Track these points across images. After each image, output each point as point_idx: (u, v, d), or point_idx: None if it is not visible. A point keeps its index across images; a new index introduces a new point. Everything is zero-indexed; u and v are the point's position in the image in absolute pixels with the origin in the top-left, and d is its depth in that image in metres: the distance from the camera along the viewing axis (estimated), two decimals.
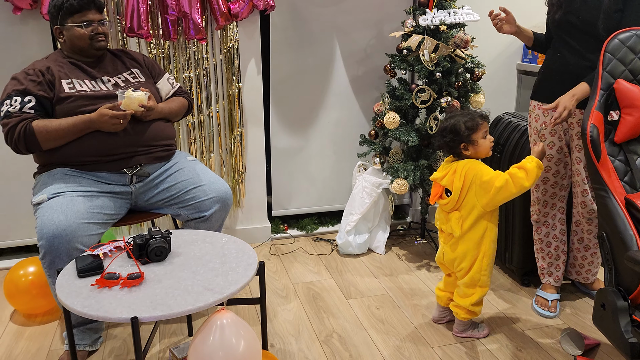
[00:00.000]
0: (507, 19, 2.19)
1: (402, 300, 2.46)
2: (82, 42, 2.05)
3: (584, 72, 2.05)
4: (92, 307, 1.45)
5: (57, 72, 2.02)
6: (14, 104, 1.93)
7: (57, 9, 2.03)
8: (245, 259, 1.73)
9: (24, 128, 1.90)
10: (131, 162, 2.06)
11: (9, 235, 2.79)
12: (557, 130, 2.20)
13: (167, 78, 2.30)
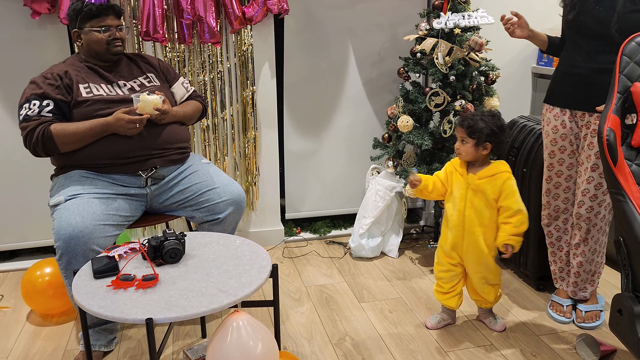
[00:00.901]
0: (520, 23, 2.17)
1: (415, 304, 2.45)
2: (99, 46, 2.08)
3: (592, 75, 2.03)
4: (107, 307, 1.47)
5: (75, 76, 2.05)
6: (33, 107, 1.96)
7: (76, 12, 2.06)
8: (259, 262, 1.74)
9: (42, 131, 1.93)
10: (146, 165, 2.08)
11: (26, 237, 2.82)
12: (567, 134, 2.17)
13: (181, 82, 2.32)
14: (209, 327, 2.27)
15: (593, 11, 2.00)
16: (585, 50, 2.05)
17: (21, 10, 2.51)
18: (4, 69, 2.60)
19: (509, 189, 2.01)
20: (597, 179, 2.10)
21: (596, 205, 2.14)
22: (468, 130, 2.00)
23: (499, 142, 2.02)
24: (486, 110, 2.07)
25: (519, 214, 2.01)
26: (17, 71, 2.60)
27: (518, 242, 2.02)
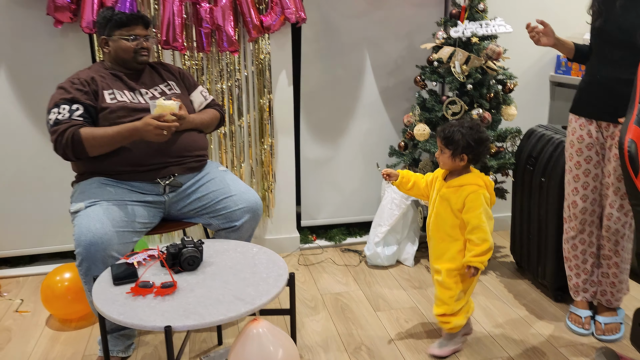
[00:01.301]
0: (545, 31, 2.14)
1: (431, 314, 2.44)
2: (127, 54, 2.11)
3: (615, 86, 2.01)
4: (127, 314, 1.48)
5: (100, 82, 2.08)
6: (62, 112, 1.98)
7: (106, 20, 2.10)
8: (276, 270, 1.74)
9: (71, 135, 1.95)
10: (165, 172, 2.10)
11: (45, 242, 2.87)
12: (593, 144, 2.14)
13: (200, 90, 2.35)
14: (225, 334, 2.28)
15: (619, 20, 1.98)
16: (610, 60, 2.03)
17: (44, 19, 2.56)
18: (28, 77, 2.64)
19: (472, 202, 1.95)
20: (624, 190, 2.08)
21: (623, 215, 2.12)
22: (445, 141, 1.99)
23: (476, 154, 1.98)
24: (468, 121, 2.01)
25: (479, 230, 1.94)
26: (40, 79, 2.65)
27: (481, 262, 1.94)
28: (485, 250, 1.95)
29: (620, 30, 1.98)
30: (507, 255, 3.06)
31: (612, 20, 2.00)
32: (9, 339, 2.25)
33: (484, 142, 1.99)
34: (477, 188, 1.97)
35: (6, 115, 2.66)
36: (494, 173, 2.77)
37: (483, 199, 1.96)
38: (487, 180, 2.03)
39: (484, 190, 1.98)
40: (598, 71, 2.08)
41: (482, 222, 1.94)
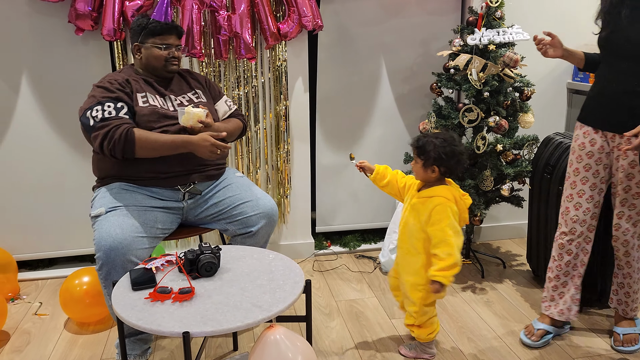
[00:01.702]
0: (552, 42, 2.11)
1: (446, 322, 2.43)
2: (158, 62, 2.14)
3: (622, 98, 1.98)
4: (145, 319, 1.50)
5: (134, 85, 2.11)
6: (108, 109, 1.99)
7: (140, 28, 2.13)
8: (292, 277, 1.75)
9: (125, 132, 1.95)
10: (185, 180, 2.12)
11: (64, 245, 2.91)
12: (594, 152, 2.10)
13: (225, 100, 2.36)
14: (241, 340, 2.29)
15: (625, 31, 1.95)
16: (617, 71, 2.01)
17: (66, 27, 2.61)
18: (49, 84, 2.69)
19: (437, 215, 1.90)
20: (630, 200, 2.06)
21: (631, 226, 2.10)
22: (417, 151, 1.98)
23: (447, 167, 1.94)
24: (444, 134, 1.99)
25: (444, 244, 1.88)
26: (61, 86, 2.70)
27: (445, 277, 1.88)
28: (450, 265, 1.87)
29: (626, 41, 1.95)
30: (523, 263, 3.04)
31: (618, 32, 1.98)
32: (28, 341, 2.29)
33: (456, 155, 1.93)
34: (445, 201, 1.92)
35: (27, 120, 2.71)
36: (511, 181, 2.76)
37: (450, 212, 1.90)
38: (459, 195, 1.98)
39: (451, 204, 1.93)
40: (606, 81, 2.06)
41: (448, 236, 1.88)
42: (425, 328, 2.09)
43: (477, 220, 2.84)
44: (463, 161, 1.96)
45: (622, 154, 2.02)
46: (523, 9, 2.98)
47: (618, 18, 1.98)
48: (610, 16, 2.01)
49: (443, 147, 1.92)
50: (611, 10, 2.01)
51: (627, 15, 1.95)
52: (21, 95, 2.68)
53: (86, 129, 2.00)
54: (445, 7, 3.05)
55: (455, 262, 1.88)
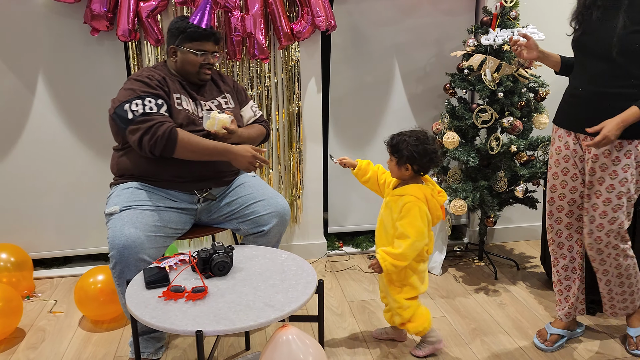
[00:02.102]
0: (527, 44, 2.08)
1: (459, 324, 2.41)
2: (192, 68, 2.12)
3: (593, 98, 1.97)
4: (159, 318, 1.51)
5: (171, 85, 2.09)
6: (149, 104, 1.97)
7: (179, 31, 2.10)
8: (305, 277, 1.75)
9: (169, 130, 1.94)
10: (202, 185, 2.14)
11: (79, 244, 2.94)
12: (570, 155, 2.09)
13: (250, 105, 2.36)
14: (253, 339, 2.30)
15: (596, 32, 1.95)
16: (588, 72, 1.99)
17: (81, 27, 2.63)
18: (64, 83, 2.72)
19: (406, 211, 1.96)
20: (602, 207, 2.01)
21: (604, 235, 2.03)
22: (390, 149, 2.02)
23: (420, 165, 1.98)
24: (418, 132, 2.01)
25: (402, 237, 1.96)
26: (76, 85, 2.73)
27: (384, 260, 1.96)
28: (396, 255, 1.96)
29: (597, 42, 1.94)
30: (537, 265, 3.01)
31: (590, 33, 1.97)
32: (43, 338, 2.31)
33: (429, 154, 1.98)
34: (414, 200, 1.97)
35: (43, 120, 2.74)
36: (525, 182, 2.74)
37: (417, 212, 1.96)
38: (430, 193, 2.00)
39: (420, 203, 1.97)
40: (578, 82, 2.04)
41: (408, 232, 1.95)
42: (415, 322, 2.11)
43: (491, 221, 2.82)
44: (436, 159, 2.01)
45: (592, 157, 2.00)
46: (538, 8, 2.96)
47: (590, 19, 1.98)
48: (582, 17, 2.01)
49: (415, 145, 1.96)
50: (584, 11, 2.00)
51: (599, 16, 1.94)
52: (37, 95, 2.71)
53: (122, 121, 1.97)
54: (459, 7, 3.04)
55: (402, 255, 1.96)
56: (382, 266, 1.97)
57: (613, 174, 1.97)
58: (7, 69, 2.65)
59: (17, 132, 2.73)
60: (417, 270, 2.08)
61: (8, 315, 2.22)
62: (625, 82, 1.90)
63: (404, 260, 1.97)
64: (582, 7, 2.01)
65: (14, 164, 2.76)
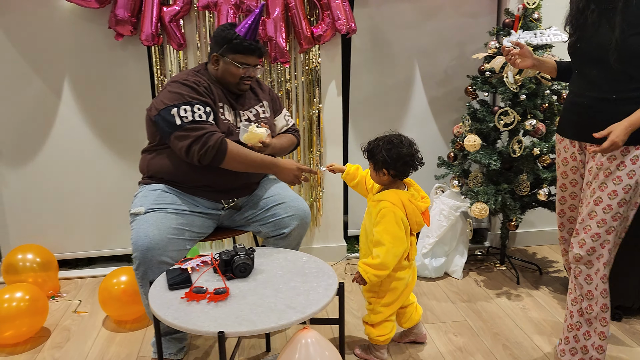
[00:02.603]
0: (521, 52, 2.02)
1: (481, 329, 2.39)
2: (233, 78, 2.10)
3: (595, 105, 1.89)
4: (181, 319, 1.52)
5: (216, 94, 2.08)
6: (198, 112, 1.95)
7: (224, 40, 2.06)
8: (326, 279, 1.76)
9: (220, 141, 1.94)
10: (229, 195, 2.16)
11: (103, 245, 2.98)
12: (578, 167, 2.02)
13: (284, 114, 2.36)
14: (273, 341, 2.31)
15: (592, 38, 1.87)
16: (588, 79, 1.91)
17: (106, 32, 2.68)
18: (89, 87, 2.77)
19: (381, 217, 1.95)
20: (601, 214, 1.87)
21: (598, 246, 1.89)
22: (366, 155, 2.01)
23: (396, 170, 1.96)
24: (392, 136, 1.99)
25: (378, 246, 1.94)
26: (100, 89, 2.78)
27: (366, 272, 1.95)
28: (375, 265, 1.93)
29: (593, 48, 1.87)
30: (560, 270, 2.97)
31: (586, 38, 1.90)
32: (68, 338, 2.35)
33: (403, 157, 1.95)
34: (390, 205, 1.94)
35: (69, 124, 2.80)
36: (548, 185, 2.70)
37: (393, 217, 1.94)
38: (407, 199, 1.96)
39: (396, 209, 1.94)
40: (578, 89, 1.96)
41: (383, 239, 1.93)
42: (376, 329, 2.10)
43: (513, 225, 2.79)
44: (411, 162, 1.99)
45: (596, 164, 1.89)
46: (561, 10, 2.92)
47: (585, 23, 1.90)
48: (577, 21, 1.93)
49: (388, 149, 1.95)
50: (578, 15, 1.93)
51: (594, 20, 1.86)
52: (63, 99, 2.77)
53: (168, 125, 1.96)
54: (480, 9, 3.02)
55: (382, 264, 1.93)
56: (364, 278, 1.96)
57: (617, 180, 1.85)
58: (34, 73, 2.71)
59: (43, 135, 2.79)
60: (396, 277, 2.04)
61: (34, 314, 2.27)
62: (628, 86, 1.82)
63: (385, 269, 1.95)
64: (575, 11, 1.94)
65: (41, 166, 2.82)
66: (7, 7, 2.61)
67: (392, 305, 2.09)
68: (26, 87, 2.72)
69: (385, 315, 2.08)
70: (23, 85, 2.71)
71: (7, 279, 2.66)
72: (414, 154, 1.98)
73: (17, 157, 2.79)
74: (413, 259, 2.09)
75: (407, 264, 2.05)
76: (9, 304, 2.22)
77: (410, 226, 1.99)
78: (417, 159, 2.00)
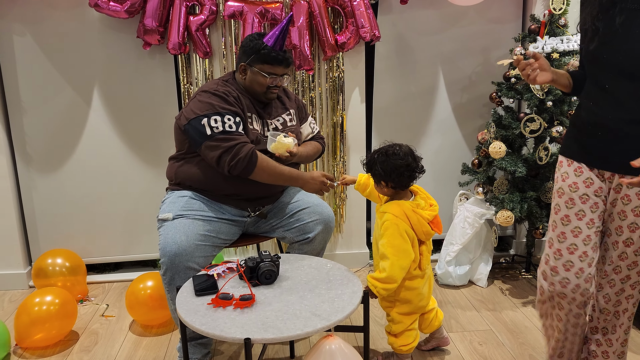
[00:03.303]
0: (540, 65, 1.61)
1: (506, 338, 2.36)
2: (260, 88, 2.11)
3: (623, 128, 1.54)
4: (208, 325, 1.54)
5: (245, 104, 2.11)
6: (229, 122, 1.98)
7: (253, 50, 2.07)
8: (350, 287, 1.76)
9: (251, 152, 1.97)
10: (256, 204, 2.18)
11: (130, 250, 3.03)
12: (590, 195, 1.64)
13: (310, 122, 2.38)
14: (297, 347, 2.31)
15: (620, 42, 1.51)
16: (614, 95, 1.55)
17: (134, 41, 2.74)
18: (118, 95, 2.83)
19: (384, 230, 1.92)
20: (632, 256, 1.64)
21: (628, 287, 1.69)
22: (365, 168, 2.00)
23: (395, 181, 1.93)
24: (387, 148, 1.95)
25: (384, 259, 1.92)
26: (129, 97, 2.83)
27: (375, 287, 1.91)
28: (382, 279, 1.90)
29: (623, 58, 1.51)
30: None
31: (611, 45, 1.53)
32: (96, 341, 2.40)
33: (397, 169, 1.90)
34: (392, 218, 1.91)
35: (98, 131, 2.86)
36: None
37: (396, 230, 1.90)
38: (411, 209, 1.92)
39: (398, 220, 1.91)
40: (598, 107, 1.59)
41: (387, 252, 1.91)
42: (399, 338, 2.08)
43: (539, 233, 2.75)
44: (408, 173, 1.92)
45: (622, 198, 1.60)
46: None
47: (611, 25, 1.53)
48: (600, 22, 1.56)
49: (383, 162, 1.93)
50: (601, 15, 1.56)
51: (622, 21, 1.50)
52: (92, 107, 2.83)
53: (198, 134, 1.98)
54: (506, 15, 3.00)
55: (389, 277, 1.90)
56: (374, 292, 1.93)
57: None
58: (65, 82, 2.78)
59: (73, 142, 2.86)
60: (409, 287, 2.02)
61: (64, 318, 2.31)
62: None
63: (393, 282, 1.91)
64: (597, 9, 1.57)
65: (70, 173, 2.89)
66: (39, 18, 2.69)
67: (412, 315, 2.07)
68: (57, 95, 2.79)
69: (406, 325, 2.07)
70: (54, 93, 2.79)
71: (37, 283, 2.72)
72: (409, 164, 1.92)
73: (47, 163, 2.87)
74: (426, 267, 2.05)
75: (420, 273, 2.02)
76: (39, 307, 2.27)
77: (418, 236, 1.96)
78: (413, 168, 1.93)
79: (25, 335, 2.26)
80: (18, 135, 2.82)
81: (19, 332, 2.27)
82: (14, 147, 2.84)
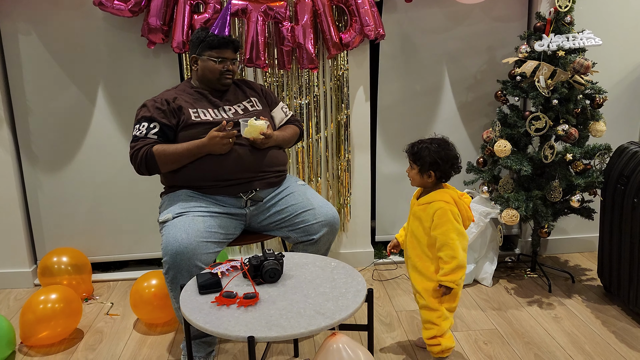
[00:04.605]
0: None
1: (512, 337, 2.35)
2: (213, 75, 2.23)
3: None
4: (212, 323, 1.54)
5: (184, 102, 2.20)
6: (141, 129, 2.14)
7: (199, 40, 2.21)
8: (355, 285, 1.75)
9: (145, 152, 2.09)
10: (246, 187, 2.18)
11: (135, 249, 3.04)
12: None
13: (281, 107, 2.42)
14: (301, 346, 2.31)
15: None
16: None
17: (138, 40, 2.74)
18: (123, 94, 2.84)
19: (439, 219, 1.93)
20: None
21: None
22: (412, 157, 2.01)
23: (443, 171, 1.97)
24: (437, 138, 2.01)
25: (447, 247, 1.91)
26: (133, 96, 2.83)
27: (452, 282, 1.91)
28: (453, 268, 1.91)
29: None
30: (593, 278, 2.90)
31: None
32: (101, 340, 2.40)
33: (451, 159, 1.97)
34: (444, 204, 1.94)
35: (103, 130, 2.87)
36: (581, 192, 2.65)
37: (451, 215, 1.93)
38: (457, 196, 1.98)
39: (451, 206, 1.95)
40: None
41: (450, 239, 1.92)
42: (445, 338, 2.04)
43: (545, 232, 2.74)
44: (457, 165, 2.00)
45: None
46: (594, 13, 2.87)
47: None
48: None
49: (438, 152, 1.96)
50: None
51: None
52: (97, 105, 2.83)
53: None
54: (511, 13, 2.98)
55: (459, 264, 1.91)
56: (452, 287, 1.93)
57: None
58: (69, 80, 2.79)
59: (78, 141, 2.86)
60: None
61: (69, 316, 2.32)
62: None
63: (463, 267, 1.94)
64: None
65: (75, 172, 2.89)
66: (44, 17, 2.69)
67: (454, 310, 2.08)
68: (62, 94, 2.80)
69: (451, 321, 2.06)
70: (59, 92, 2.79)
71: (42, 281, 2.73)
72: (458, 156, 2.01)
73: (52, 162, 2.87)
74: None
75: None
76: (44, 305, 2.28)
77: (463, 222, 2.00)
78: (460, 161, 2.03)
79: (31, 333, 2.27)
80: (23, 134, 2.82)
81: (24, 330, 2.28)
82: (19, 146, 2.85)
